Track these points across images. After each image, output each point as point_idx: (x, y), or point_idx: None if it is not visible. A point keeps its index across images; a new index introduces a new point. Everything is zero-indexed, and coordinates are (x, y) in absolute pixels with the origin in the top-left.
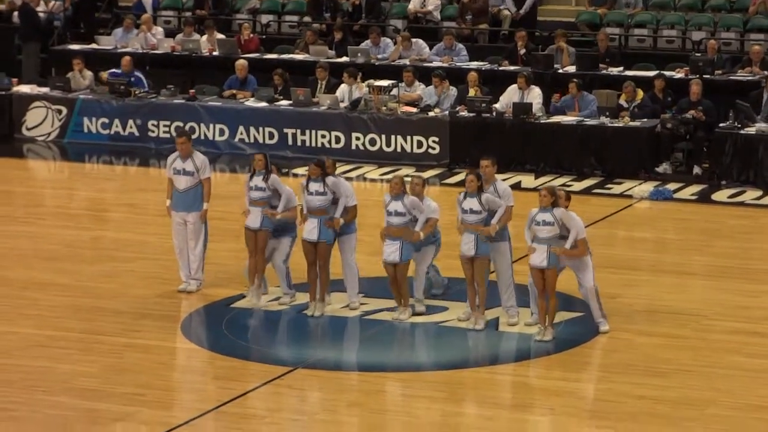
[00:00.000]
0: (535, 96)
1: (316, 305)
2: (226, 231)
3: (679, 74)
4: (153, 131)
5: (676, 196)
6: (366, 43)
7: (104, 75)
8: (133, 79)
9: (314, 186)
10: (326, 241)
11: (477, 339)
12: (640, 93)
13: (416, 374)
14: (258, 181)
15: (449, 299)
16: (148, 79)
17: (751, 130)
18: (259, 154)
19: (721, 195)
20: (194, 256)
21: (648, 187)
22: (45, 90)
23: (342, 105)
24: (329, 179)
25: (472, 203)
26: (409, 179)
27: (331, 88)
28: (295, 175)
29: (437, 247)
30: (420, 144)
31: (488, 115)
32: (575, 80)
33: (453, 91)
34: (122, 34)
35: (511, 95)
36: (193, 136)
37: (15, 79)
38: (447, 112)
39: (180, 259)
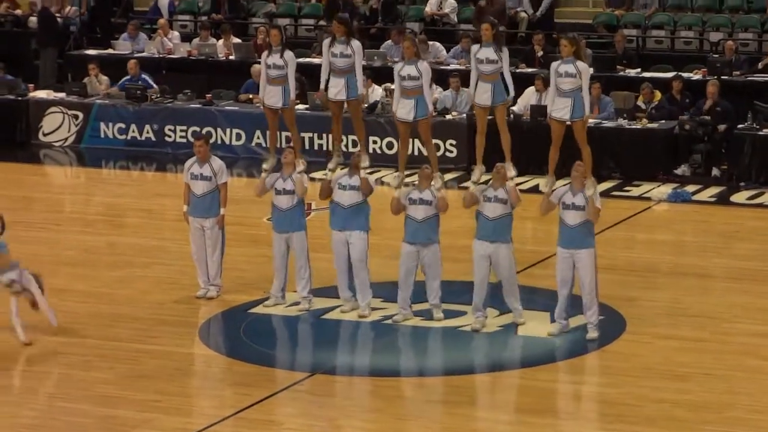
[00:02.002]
0: (549, 93)
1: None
2: (244, 236)
3: (696, 75)
4: (170, 136)
5: (694, 198)
6: (386, 45)
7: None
8: (140, 82)
9: (339, 47)
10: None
11: (495, 343)
12: (658, 94)
13: (435, 379)
14: (275, 58)
15: (467, 303)
16: (160, 84)
17: None
18: (274, 28)
19: (739, 197)
20: (212, 262)
21: (666, 189)
22: (61, 95)
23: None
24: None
25: (488, 52)
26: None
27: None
28: (313, 179)
29: None
30: (437, 147)
31: (506, 117)
32: (594, 82)
33: (469, 93)
34: (128, 39)
35: (528, 97)
36: (210, 141)
37: (31, 85)
38: (464, 115)
39: (198, 265)
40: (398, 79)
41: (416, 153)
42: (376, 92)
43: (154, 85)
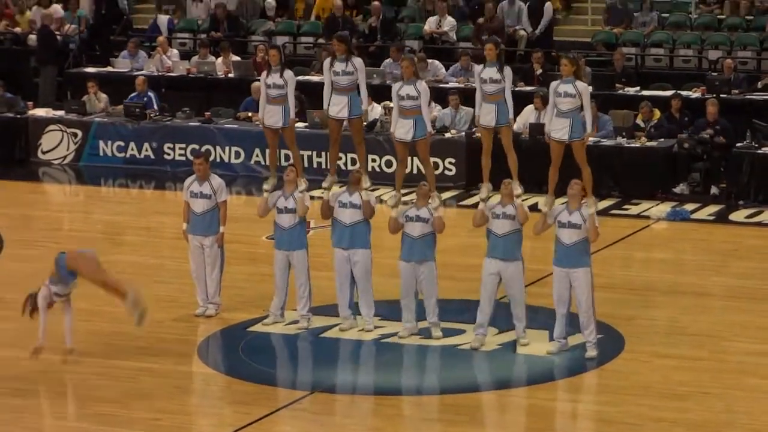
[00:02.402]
0: (547, 112)
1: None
2: (243, 254)
3: (695, 94)
4: (169, 154)
5: (693, 216)
6: (386, 63)
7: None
8: (145, 99)
9: (340, 66)
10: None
11: (494, 361)
12: (657, 113)
13: (435, 398)
14: (275, 78)
15: (466, 322)
16: (161, 102)
17: None
18: (273, 48)
19: (738, 215)
20: (211, 280)
21: (665, 207)
22: (60, 113)
23: None
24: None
25: (491, 72)
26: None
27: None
28: (312, 197)
29: None
30: (436, 165)
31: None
32: (592, 101)
33: (468, 111)
34: (127, 57)
35: (527, 116)
36: (210, 159)
37: (30, 103)
38: (463, 133)
39: (197, 283)
40: (397, 99)
41: (415, 171)
42: (376, 110)
43: (155, 106)
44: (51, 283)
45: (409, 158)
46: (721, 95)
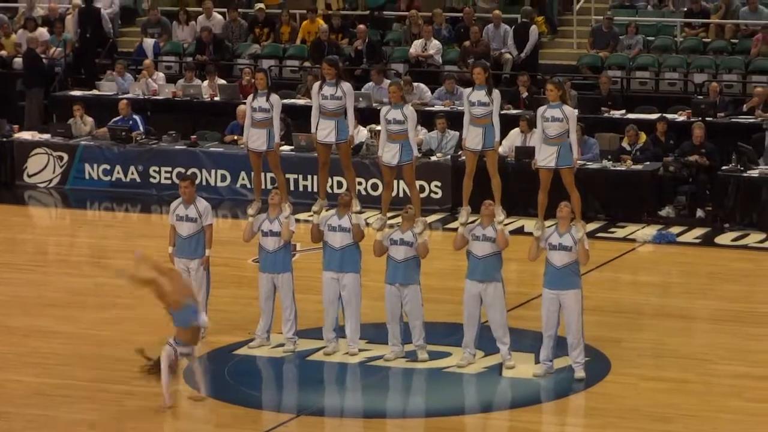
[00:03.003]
0: (536, 138)
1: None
2: (229, 277)
3: (681, 117)
4: (154, 177)
5: (679, 239)
6: (368, 86)
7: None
8: (130, 122)
9: (329, 90)
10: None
11: (480, 384)
12: (643, 136)
13: (420, 420)
14: (261, 101)
15: (452, 344)
16: (146, 124)
17: (754, 172)
18: (260, 72)
19: (724, 238)
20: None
21: (651, 230)
22: (46, 136)
23: None
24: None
25: (479, 95)
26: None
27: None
28: (298, 220)
29: None
30: (422, 188)
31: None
32: (580, 124)
33: (454, 135)
34: (113, 79)
35: (513, 139)
36: (196, 182)
37: (16, 126)
38: (449, 157)
39: None
40: (384, 123)
41: (401, 195)
42: (362, 133)
43: (141, 128)
44: (177, 344)
45: (396, 181)
46: (707, 118)
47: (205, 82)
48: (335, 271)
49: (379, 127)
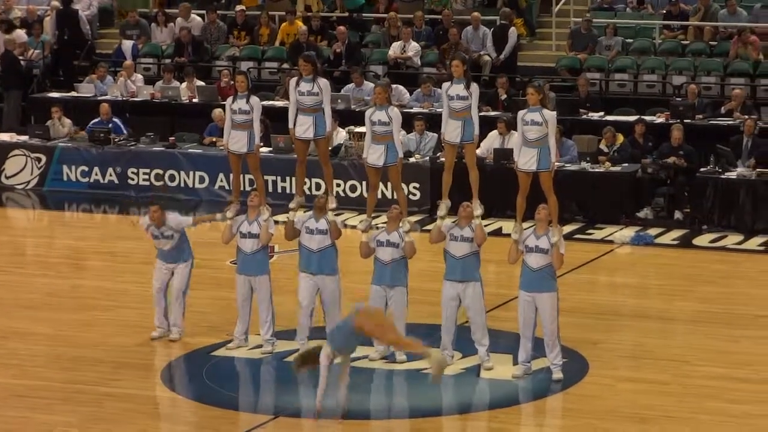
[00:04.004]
0: (515, 141)
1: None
2: (207, 279)
3: (659, 119)
4: (133, 179)
5: (657, 241)
6: (348, 87)
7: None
8: (111, 125)
9: (305, 86)
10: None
11: (459, 386)
12: (620, 137)
13: (399, 422)
14: (241, 103)
15: (431, 346)
16: (127, 126)
17: (732, 174)
18: (240, 74)
19: (702, 240)
20: (177, 304)
21: (629, 232)
22: (24, 138)
23: None
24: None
25: (458, 89)
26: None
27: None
28: (276, 222)
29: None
30: None
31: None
32: (559, 126)
33: (433, 136)
34: (91, 81)
35: (491, 141)
36: (173, 184)
37: None
38: (427, 158)
39: (158, 304)
40: (369, 124)
41: (380, 196)
42: (340, 135)
43: (124, 131)
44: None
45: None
46: (685, 120)
47: (184, 84)
48: (314, 273)
49: (358, 129)
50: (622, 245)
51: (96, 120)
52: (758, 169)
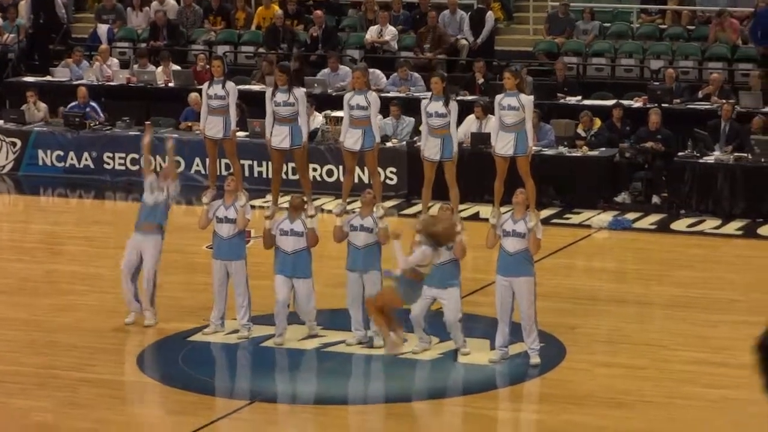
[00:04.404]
0: (492, 126)
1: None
2: (183, 264)
3: (637, 103)
4: (108, 164)
5: (635, 225)
6: (324, 72)
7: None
8: (88, 109)
9: (281, 96)
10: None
11: (436, 370)
12: (598, 122)
13: (376, 406)
14: (217, 88)
15: (409, 331)
16: (104, 110)
17: (709, 159)
18: (216, 59)
19: (680, 224)
20: (148, 283)
21: (607, 216)
22: None
23: None
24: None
25: (437, 106)
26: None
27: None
28: (253, 207)
29: None
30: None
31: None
32: (536, 111)
33: (410, 121)
34: (66, 66)
35: (468, 125)
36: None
37: None
38: (404, 143)
39: (126, 284)
40: (347, 108)
41: (356, 181)
42: (317, 119)
43: (101, 115)
44: None
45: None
46: (663, 105)
47: (160, 68)
48: (287, 275)
49: (334, 113)
50: (600, 230)
51: (73, 104)
52: (736, 154)
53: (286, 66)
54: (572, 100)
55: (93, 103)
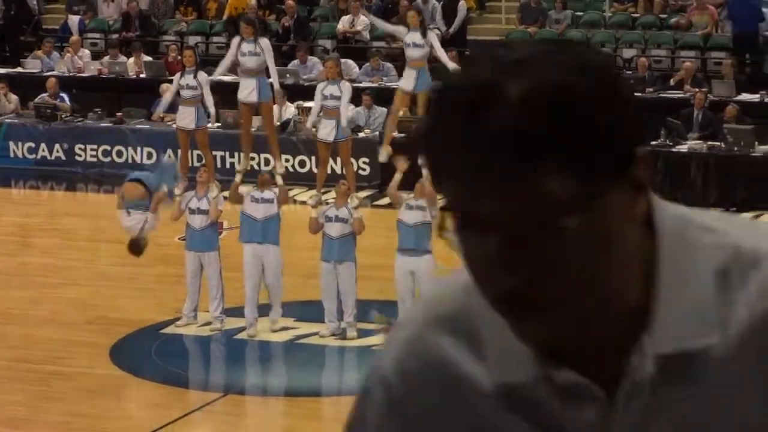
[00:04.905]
0: None
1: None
2: (155, 255)
3: None
4: (80, 155)
5: None
6: (293, 63)
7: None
8: (58, 100)
9: (247, 47)
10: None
11: None
12: None
13: (350, 398)
14: (189, 79)
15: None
16: (72, 102)
17: (683, 148)
18: (188, 50)
19: None
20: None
21: None
22: None
23: None
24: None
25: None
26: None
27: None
28: (225, 198)
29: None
30: None
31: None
32: None
33: (382, 111)
34: (41, 57)
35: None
36: (120, 160)
37: None
38: (377, 133)
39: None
40: (320, 98)
41: (329, 171)
42: (289, 110)
43: (68, 103)
44: None
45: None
46: (636, 93)
47: (131, 59)
48: (256, 243)
49: (306, 104)
50: None
51: (43, 95)
52: (709, 142)
53: (251, 18)
54: None
55: (63, 95)
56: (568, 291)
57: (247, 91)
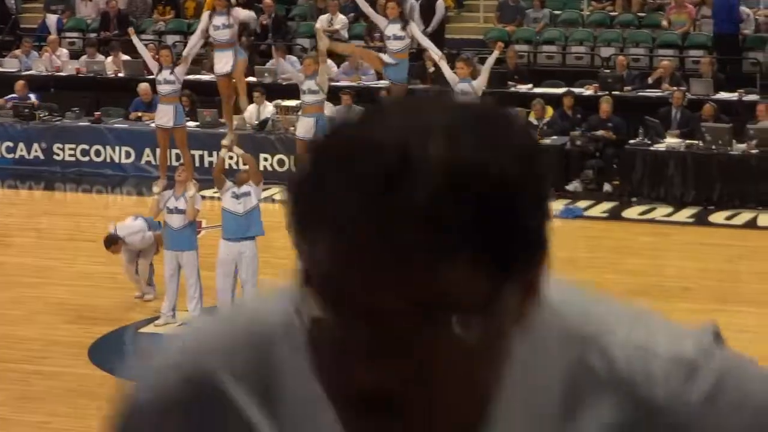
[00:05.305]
0: None
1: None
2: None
3: (588, 91)
4: (58, 155)
5: (586, 213)
6: (271, 62)
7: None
8: (27, 101)
9: (220, 19)
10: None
11: None
12: (550, 110)
13: None
14: (166, 74)
15: None
16: (41, 101)
17: (661, 146)
18: (164, 49)
19: (631, 212)
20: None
21: (558, 205)
22: None
23: (248, 125)
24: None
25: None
26: None
27: (238, 109)
28: (204, 197)
29: None
30: None
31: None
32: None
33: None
34: (19, 57)
35: None
36: (99, 159)
37: None
38: None
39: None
40: (300, 94)
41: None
42: (268, 109)
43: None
44: None
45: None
46: (614, 92)
47: (109, 59)
48: (239, 239)
49: (285, 103)
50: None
51: (12, 95)
52: (687, 141)
53: None
54: (523, 88)
55: (31, 95)
56: (438, 402)
57: (222, 63)
